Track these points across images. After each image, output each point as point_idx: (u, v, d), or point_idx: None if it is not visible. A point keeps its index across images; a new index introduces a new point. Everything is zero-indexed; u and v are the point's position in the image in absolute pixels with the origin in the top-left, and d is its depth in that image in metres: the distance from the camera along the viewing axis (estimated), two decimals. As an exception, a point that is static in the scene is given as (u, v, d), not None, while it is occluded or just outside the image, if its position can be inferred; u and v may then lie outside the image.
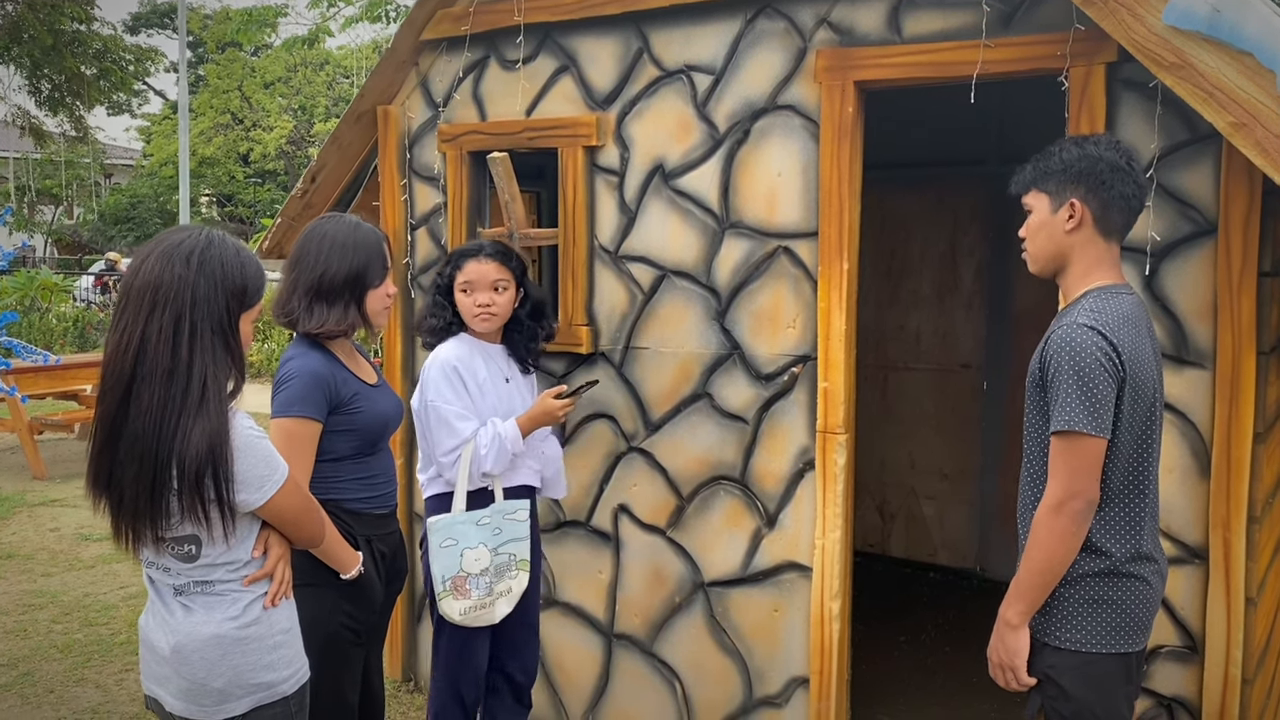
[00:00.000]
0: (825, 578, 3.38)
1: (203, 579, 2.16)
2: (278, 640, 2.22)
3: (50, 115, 19.96)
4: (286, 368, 2.72)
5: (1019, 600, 2.36)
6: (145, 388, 2.03)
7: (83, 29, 18.35)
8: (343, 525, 2.73)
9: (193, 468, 2.01)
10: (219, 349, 2.09)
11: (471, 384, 3.25)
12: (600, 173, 3.77)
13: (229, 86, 28.22)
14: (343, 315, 2.75)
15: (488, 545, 3.22)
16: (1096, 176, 2.35)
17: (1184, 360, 2.89)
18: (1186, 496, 2.89)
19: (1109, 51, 2.85)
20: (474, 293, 3.28)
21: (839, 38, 3.31)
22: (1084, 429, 2.23)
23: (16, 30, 16.88)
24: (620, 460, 3.79)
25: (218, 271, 2.10)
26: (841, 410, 3.34)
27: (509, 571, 3.27)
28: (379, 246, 2.83)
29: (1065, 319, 2.35)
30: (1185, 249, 2.88)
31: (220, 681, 2.15)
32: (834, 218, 3.31)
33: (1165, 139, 2.87)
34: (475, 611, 3.22)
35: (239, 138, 28.46)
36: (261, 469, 2.12)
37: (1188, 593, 2.91)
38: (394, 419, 2.92)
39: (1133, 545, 2.34)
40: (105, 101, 23.00)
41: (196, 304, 2.07)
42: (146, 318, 2.05)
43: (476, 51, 4.01)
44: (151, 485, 2.03)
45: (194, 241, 2.11)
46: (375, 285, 2.80)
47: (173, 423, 2.02)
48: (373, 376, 2.92)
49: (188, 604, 2.17)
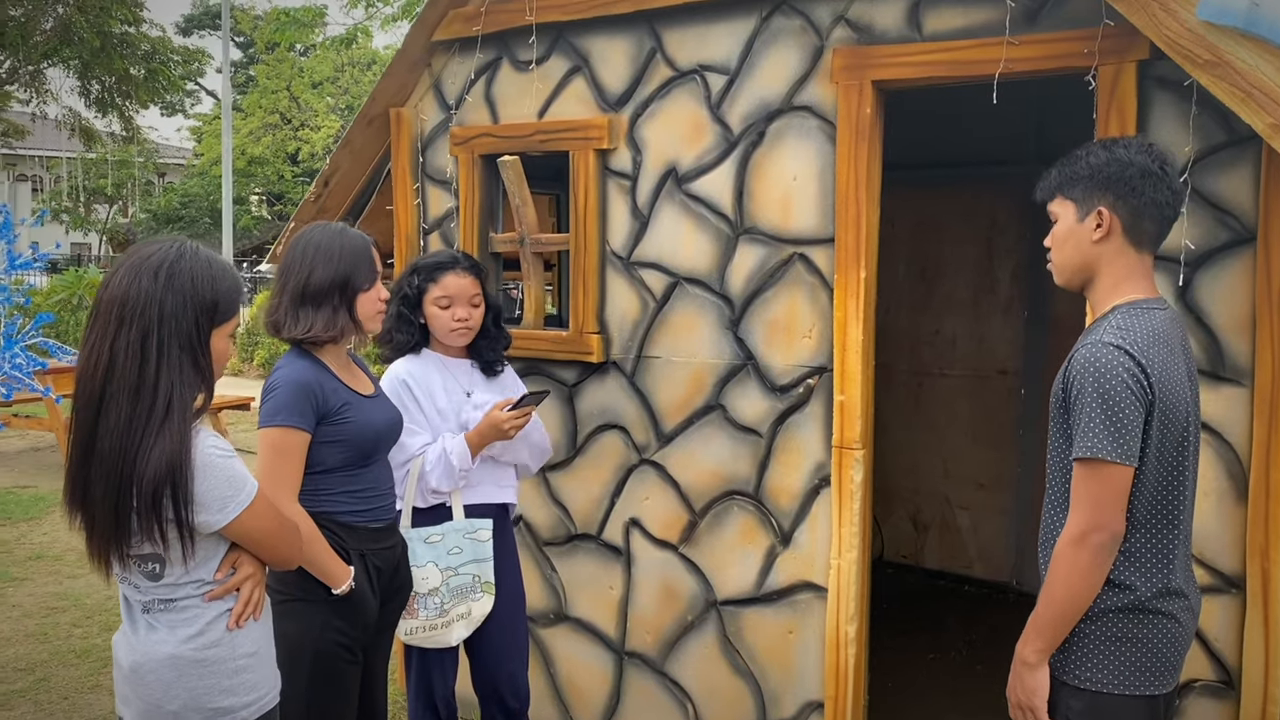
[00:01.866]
0: (841, 599, 3.24)
1: (167, 597, 2.09)
2: (241, 664, 2.13)
3: (100, 116, 20.24)
4: (273, 377, 2.65)
5: (1037, 637, 2.21)
6: (113, 405, 1.98)
7: (131, 30, 18.57)
8: (335, 538, 2.65)
9: (149, 488, 1.94)
10: (186, 366, 2.02)
11: (424, 398, 3.14)
12: (612, 176, 3.65)
13: (278, 86, 28.50)
14: (329, 320, 2.66)
15: (438, 564, 3.10)
16: (1126, 182, 2.18)
17: (1220, 377, 2.71)
18: (1222, 522, 2.72)
19: (1140, 48, 2.68)
20: (453, 307, 3.17)
21: (857, 35, 3.17)
22: (1108, 456, 2.07)
23: (67, 32, 17.12)
24: (632, 472, 3.67)
25: (187, 286, 2.02)
26: (859, 424, 3.20)
27: (472, 594, 3.16)
28: (366, 251, 2.74)
29: (1090, 336, 2.19)
30: (1222, 258, 2.70)
31: (175, 704, 2.08)
32: (851, 223, 3.17)
33: (1201, 141, 2.69)
34: (424, 633, 3.10)
35: (287, 137, 28.75)
36: (224, 489, 2.04)
37: (1223, 624, 2.73)
38: (387, 431, 2.82)
39: (1161, 580, 2.18)
40: (158, 102, 23.28)
41: (164, 319, 1.99)
42: (115, 333, 1.99)
43: (489, 52, 3.90)
44: (115, 505, 1.98)
45: (164, 255, 2.03)
46: (364, 290, 2.71)
47: (136, 441, 1.96)
48: (368, 387, 2.82)
49: (152, 622, 2.11)
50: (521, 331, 3.84)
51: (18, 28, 17.10)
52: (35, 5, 17.27)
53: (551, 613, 3.89)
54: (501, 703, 3.32)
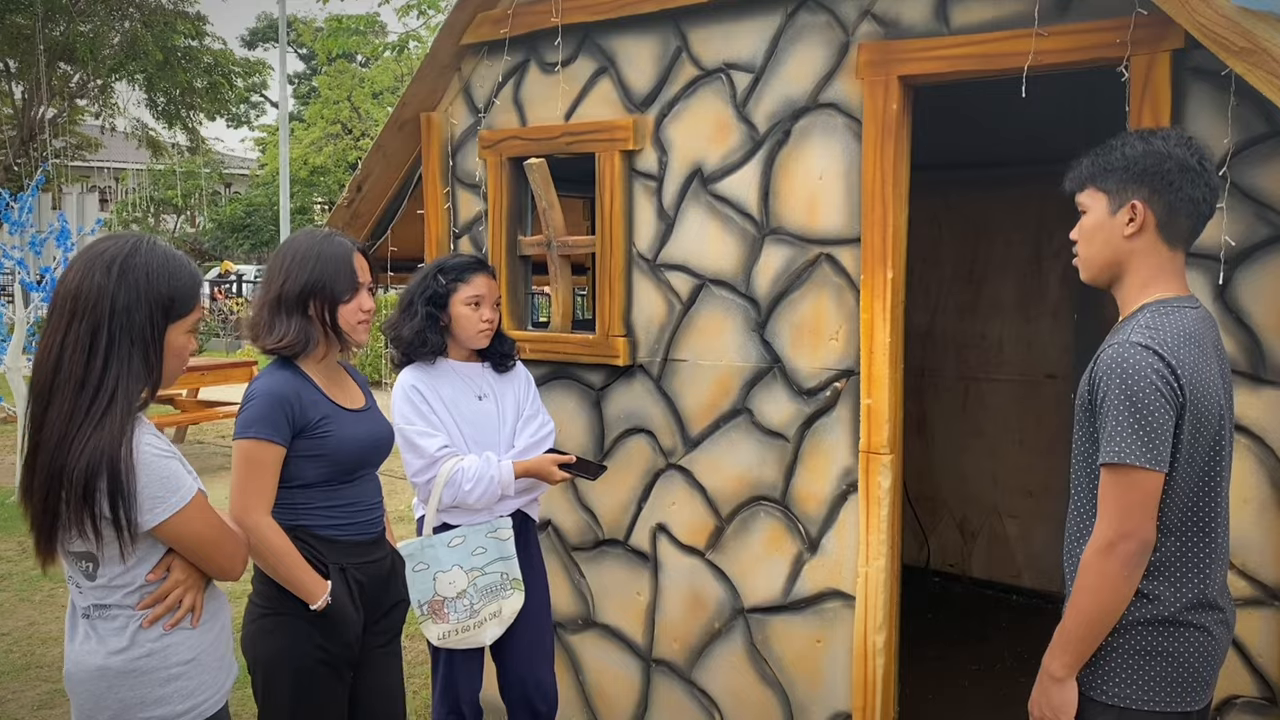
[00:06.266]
0: (869, 608, 3.15)
1: (100, 601, 2.05)
2: (174, 672, 2.08)
3: (166, 128, 20.67)
4: (251, 387, 2.59)
5: (1064, 651, 2.11)
6: (58, 397, 1.96)
7: (194, 44, 18.95)
8: (312, 552, 2.57)
9: (80, 479, 1.91)
10: (136, 360, 1.99)
11: (436, 402, 3.11)
12: (638, 178, 3.61)
13: (339, 97, 28.87)
14: (302, 330, 2.58)
15: (463, 566, 3.07)
16: (1163, 176, 2.08)
17: (1261, 379, 2.59)
18: (1264, 530, 2.59)
19: (1175, 37, 2.57)
20: (482, 307, 3.16)
21: (883, 30, 3.09)
22: (1137, 462, 1.98)
23: (133, 47, 17.50)
24: (659, 477, 3.61)
25: (141, 281, 1.99)
26: (886, 429, 3.11)
27: (502, 591, 3.12)
28: (345, 259, 2.64)
29: (1118, 336, 2.09)
30: (1263, 255, 2.58)
31: (105, 715, 2.04)
32: (877, 223, 3.09)
33: (1240, 133, 2.57)
34: (457, 635, 3.08)
35: (348, 147, 29.10)
36: (155, 489, 1.99)
37: (1267, 637, 2.61)
38: (372, 447, 2.70)
39: (1195, 591, 2.07)
40: (222, 114, 23.74)
41: (115, 314, 1.97)
42: (66, 327, 1.97)
43: (516, 55, 3.88)
44: (46, 495, 1.95)
45: (118, 249, 2.00)
46: (345, 299, 2.63)
47: (73, 432, 1.94)
48: (357, 400, 2.74)
49: (88, 629, 2.07)
50: (549, 335, 3.81)
51: (86, 43, 17.53)
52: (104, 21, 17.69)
53: (580, 618, 3.85)
54: (530, 707, 3.29)
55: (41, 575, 5.94)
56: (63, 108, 19.54)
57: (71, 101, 19.47)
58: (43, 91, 18.26)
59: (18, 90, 19.63)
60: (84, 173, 31.58)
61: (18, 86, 19.58)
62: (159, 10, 18.61)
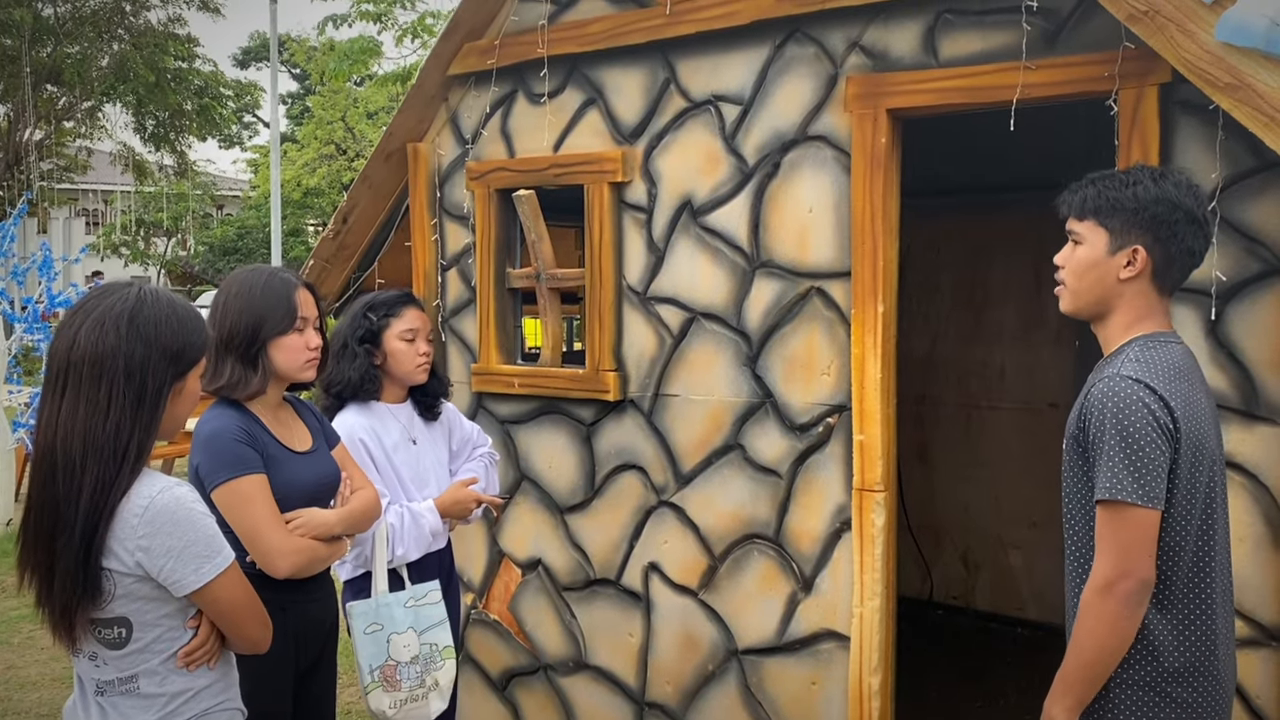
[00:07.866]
0: (864, 649, 3.11)
1: (127, 674, 1.98)
2: None
3: (154, 151, 20.63)
4: (199, 435, 2.49)
5: (1066, 694, 2.07)
6: (92, 466, 1.88)
7: (184, 66, 18.94)
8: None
9: (128, 543, 1.89)
10: (153, 415, 1.94)
11: (379, 452, 3.05)
12: (628, 209, 3.58)
13: (333, 117, 28.82)
14: (241, 372, 2.51)
15: (416, 629, 2.97)
16: (1170, 226, 2.05)
17: (1254, 415, 2.56)
18: (1260, 569, 2.56)
19: (1162, 71, 2.55)
20: (418, 340, 3.12)
21: (872, 62, 3.07)
22: (1132, 499, 1.95)
23: (122, 69, 17.48)
24: (650, 514, 3.57)
25: (152, 335, 1.94)
26: (880, 466, 3.07)
27: (434, 662, 3.01)
28: (283, 295, 2.55)
29: (1108, 369, 2.07)
30: (1254, 290, 2.55)
31: None
32: (867, 255, 3.06)
33: (1229, 167, 2.55)
34: (407, 706, 2.93)
35: (342, 168, 29.03)
36: (200, 548, 1.94)
37: (1264, 679, 2.57)
38: (315, 489, 2.60)
39: (1198, 631, 2.04)
40: (213, 135, 23.71)
41: (132, 374, 1.92)
42: (85, 392, 1.90)
43: (504, 86, 3.86)
44: (84, 566, 1.88)
45: (124, 305, 1.94)
46: (273, 337, 2.54)
47: (114, 503, 1.89)
48: (304, 442, 2.66)
49: (105, 707, 1.99)
50: (538, 369, 3.78)
51: (74, 65, 17.51)
52: (92, 43, 17.68)
53: (571, 660, 3.80)
54: None
55: (21, 616, 5.88)
56: (49, 130, 19.48)
57: (58, 124, 19.43)
58: (29, 114, 18.22)
59: (2, 112, 19.55)
60: (71, 195, 31.50)
61: (3, 108, 19.51)
62: (149, 32, 18.61)
